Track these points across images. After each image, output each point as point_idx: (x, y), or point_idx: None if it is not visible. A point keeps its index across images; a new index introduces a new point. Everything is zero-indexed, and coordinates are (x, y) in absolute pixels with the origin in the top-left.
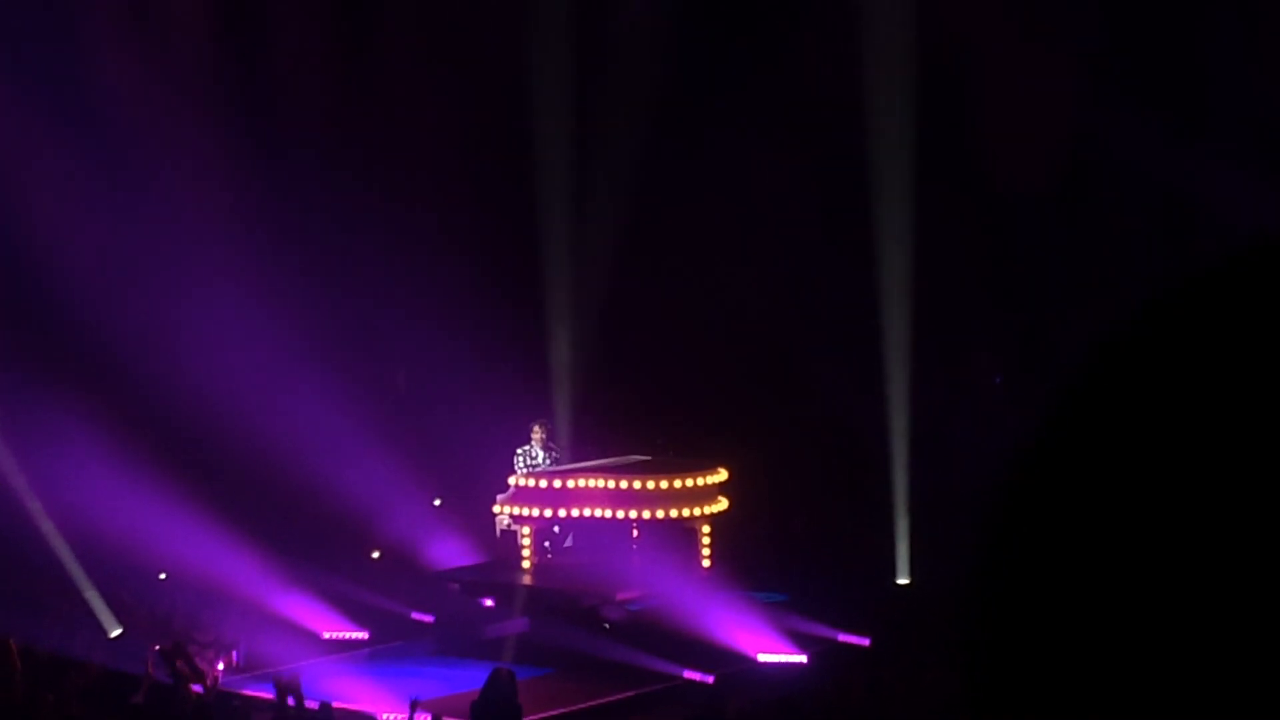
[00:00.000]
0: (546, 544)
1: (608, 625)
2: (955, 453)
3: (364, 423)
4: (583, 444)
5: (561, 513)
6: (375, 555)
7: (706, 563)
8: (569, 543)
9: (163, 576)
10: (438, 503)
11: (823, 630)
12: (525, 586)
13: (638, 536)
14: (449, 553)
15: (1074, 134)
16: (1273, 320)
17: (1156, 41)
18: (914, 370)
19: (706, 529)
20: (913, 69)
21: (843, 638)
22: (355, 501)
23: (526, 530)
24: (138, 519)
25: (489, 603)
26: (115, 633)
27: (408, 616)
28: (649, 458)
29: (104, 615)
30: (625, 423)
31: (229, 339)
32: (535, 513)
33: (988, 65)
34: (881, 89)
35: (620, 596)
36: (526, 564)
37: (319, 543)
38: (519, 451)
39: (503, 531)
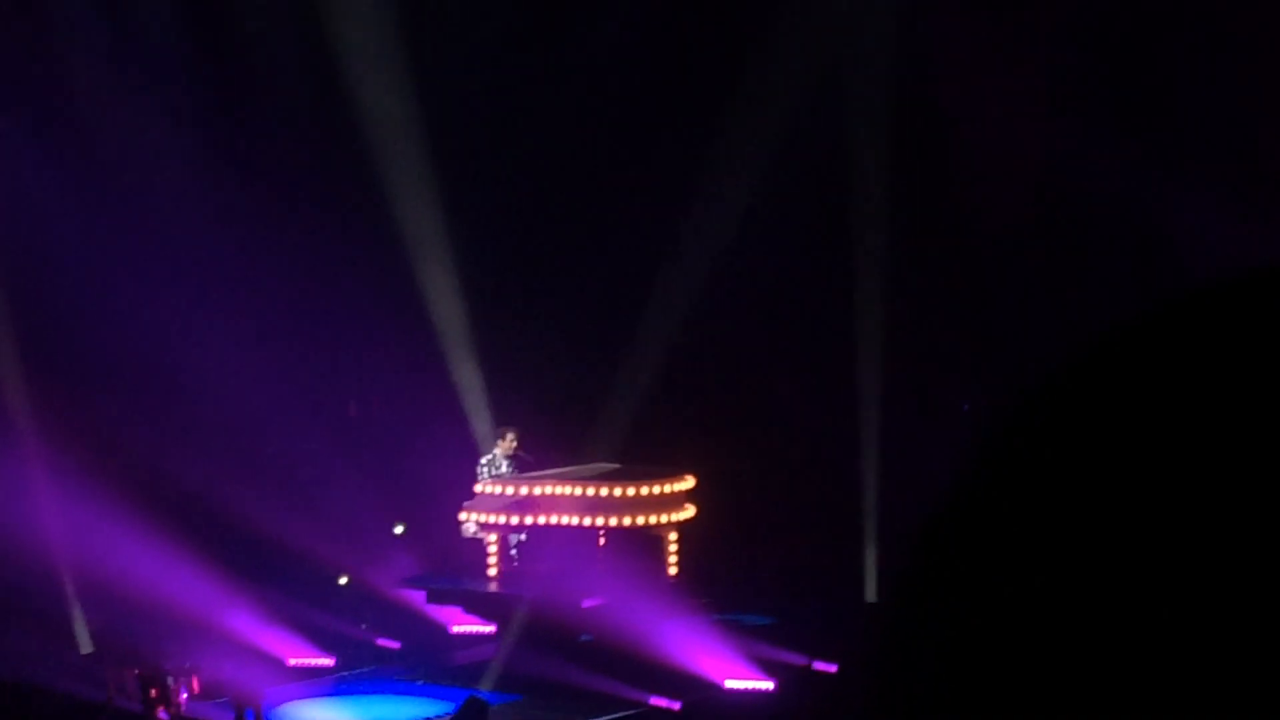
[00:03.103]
0: (512, 551)
1: (586, 637)
2: (923, 477)
3: (324, 444)
4: (550, 452)
5: (528, 519)
6: (342, 581)
7: (673, 570)
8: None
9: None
10: (399, 530)
11: (793, 656)
12: (490, 594)
13: (604, 544)
14: (413, 570)
15: (1050, 163)
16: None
17: (1134, 74)
18: (884, 394)
19: (673, 536)
20: (890, 95)
21: (816, 665)
22: (318, 526)
23: (493, 537)
24: (102, 546)
25: (455, 629)
26: (86, 650)
27: (373, 642)
28: (617, 465)
29: (80, 632)
30: (595, 432)
31: (195, 361)
32: (501, 520)
33: (965, 94)
34: (859, 114)
35: (586, 603)
36: (492, 571)
37: (283, 568)
38: (483, 461)
39: (468, 540)
